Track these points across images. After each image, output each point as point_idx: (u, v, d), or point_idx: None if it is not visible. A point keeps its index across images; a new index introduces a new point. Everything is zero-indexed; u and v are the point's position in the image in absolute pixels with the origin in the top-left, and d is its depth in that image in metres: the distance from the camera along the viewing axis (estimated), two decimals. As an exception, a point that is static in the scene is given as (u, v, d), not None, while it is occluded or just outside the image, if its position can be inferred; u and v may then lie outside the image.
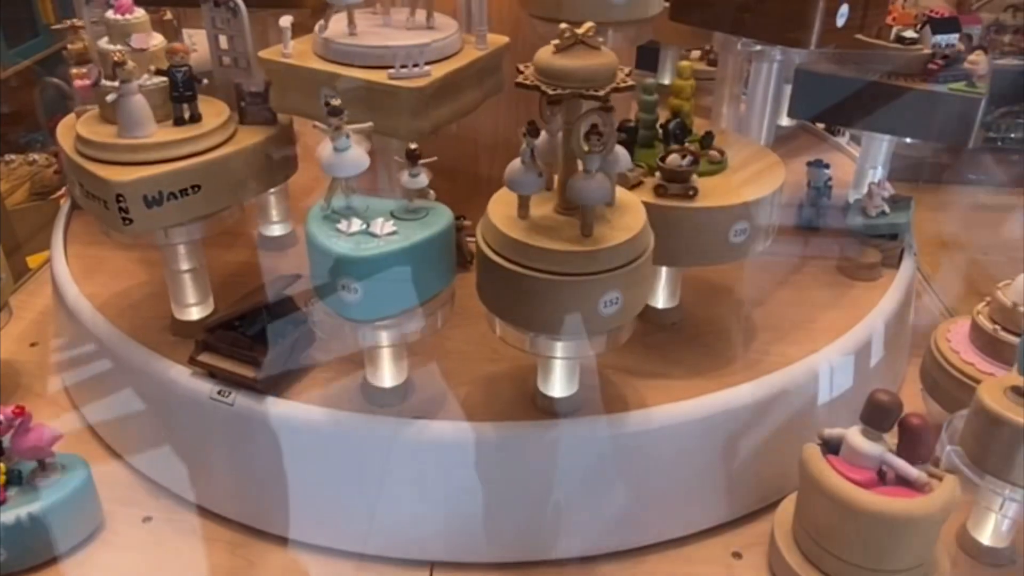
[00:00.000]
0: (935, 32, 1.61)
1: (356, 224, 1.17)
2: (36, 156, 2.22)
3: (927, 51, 1.63)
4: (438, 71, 1.26)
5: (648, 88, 1.37)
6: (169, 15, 1.60)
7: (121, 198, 1.22)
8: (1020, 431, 1.18)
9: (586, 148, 1.06)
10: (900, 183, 1.78)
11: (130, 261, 1.70)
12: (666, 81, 2.50)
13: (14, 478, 1.30)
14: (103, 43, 1.30)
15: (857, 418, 1.21)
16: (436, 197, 1.23)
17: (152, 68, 1.23)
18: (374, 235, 1.16)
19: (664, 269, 1.48)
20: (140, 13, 1.30)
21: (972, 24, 1.73)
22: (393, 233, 1.16)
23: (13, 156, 2.23)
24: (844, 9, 1.43)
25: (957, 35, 1.63)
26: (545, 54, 1.07)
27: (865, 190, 1.82)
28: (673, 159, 1.29)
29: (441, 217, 1.21)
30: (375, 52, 1.26)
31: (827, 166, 1.83)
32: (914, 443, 1.18)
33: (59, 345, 1.73)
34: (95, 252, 1.73)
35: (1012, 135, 2.19)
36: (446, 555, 1.34)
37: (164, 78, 1.26)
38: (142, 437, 1.49)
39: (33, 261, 2.04)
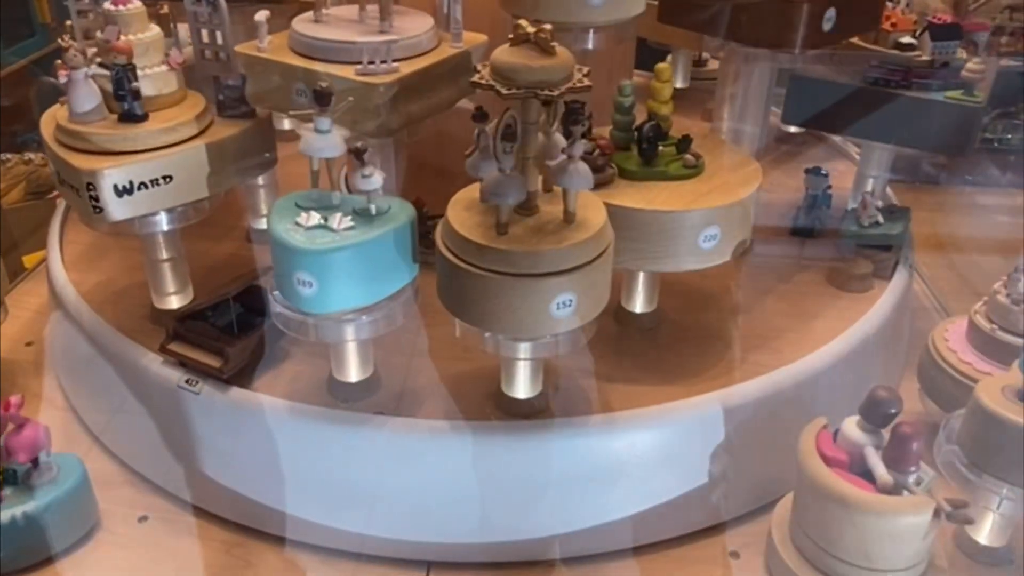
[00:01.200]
0: (934, 39, 1.57)
1: (315, 217, 1.18)
2: (32, 155, 2.22)
3: (925, 58, 1.58)
4: (407, 68, 1.26)
5: (623, 90, 1.35)
6: (166, 9, 1.63)
7: (91, 186, 1.25)
8: (1018, 430, 1.18)
9: (500, 147, 1.06)
10: (897, 183, 1.74)
11: (127, 251, 1.70)
12: (679, 84, 2.48)
13: (9, 478, 1.30)
14: (99, 34, 1.32)
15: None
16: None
17: (97, 60, 1.25)
18: (331, 229, 1.16)
19: (640, 273, 1.46)
20: (137, 4, 1.32)
21: (978, 31, 1.67)
22: (350, 228, 1.17)
23: (9, 155, 2.23)
24: (831, 13, 1.40)
25: (957, 42, 1.58)
26: (499, 47, 1.07)
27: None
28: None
29: (401, 214, 1.21)
30: (344, 48, 1.26)
31: (826, 174, 1.79)
32: (898, 449, 1.16)
33: (54, 343, 1.73)
34: (91, 250, 1.73)
35: (1008, 136, 2.14)
36: (411, 553, 1.34)
37: (107, 71, 1.28)
38: (130, 431, 1.50)
39: (29, 260, 2.04)
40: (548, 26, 1.05)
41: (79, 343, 1.53)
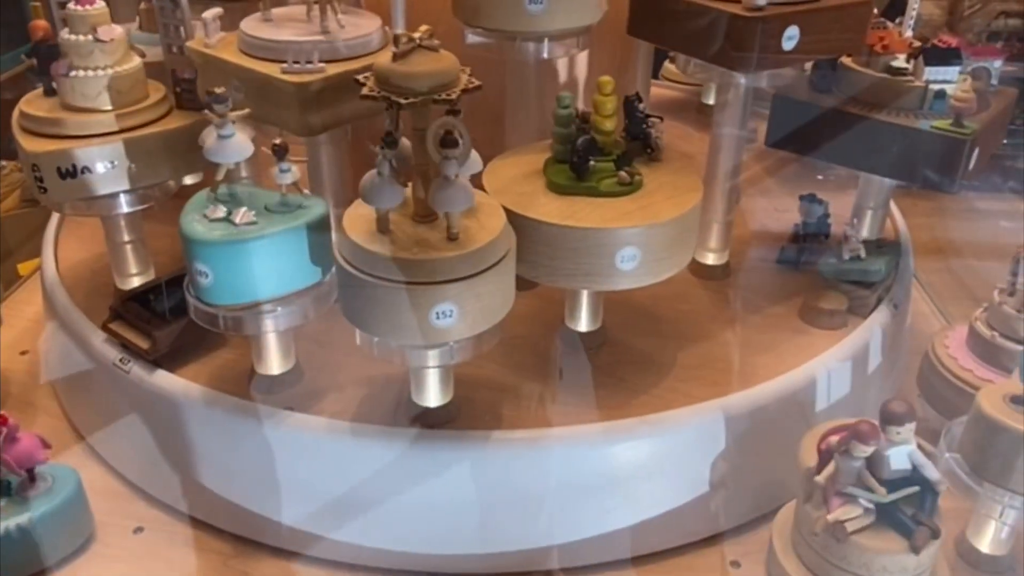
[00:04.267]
0: (928, 63, 1.45)
1: (221, 210, 1.20)
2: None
3: (919, 84, 1.47)
4: (334, 69, 1.27)
5: (562, 101, 1.32)
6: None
7: (36, 168, 1.32)
8: (1019, 438, 1.18)
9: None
10: (896, 188, 1.66)
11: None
12: (710, 101, 2.39)
13: (3, 489, 1.29)
14: (64, 34, 1.38)
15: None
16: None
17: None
18: (232, 223, 1.19)
19: (584, 292, 1.42)
20: (100, 5, 1.36)
21: (988, 57, 1.54)
22: (252, 223, 1.19)
23: (4, 162, 2.23)
24: (793, 31, 1.32)
25: (956, 68, 1.46)
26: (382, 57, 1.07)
27: (863, 231, 1.68)
28: None
29: (310, 213, 1.22)
30: (274, 46, 1.28)
31: (821, 201, 1.70)
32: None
33: (49, 352, 1.71)
34: (87, 257, 1.70)
35: (1006, 141, 2.00)
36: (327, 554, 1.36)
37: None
38: (124, 441, 1.49)
39: (24, 268, 2.01)
40: (427, 28, 1.05)
41: (73, 352, 1.52)
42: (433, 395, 1.29)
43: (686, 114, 2.36)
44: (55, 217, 1.81)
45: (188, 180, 1.69)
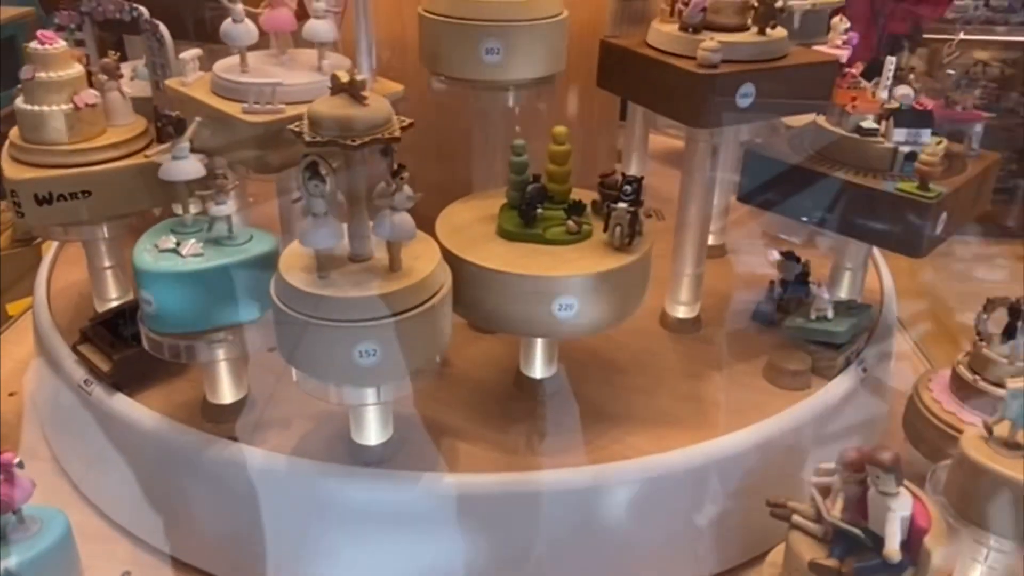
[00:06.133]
0: (898, 125, 1.43)
1: (171, 241, 1.25)
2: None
3: (889, 145, 1.45)
4: (293, 111, 1.31)
5: (516, 149, 1.34)
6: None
7: (14, 193, 1.39)
8: (1003, 481, 1.19)
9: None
10: None
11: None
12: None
13: None
14: (24, 71, 1.43)
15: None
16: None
17: None
18: (179, 254, 1.23)
19: (536, 339, 1.43)
20: (60, 45, 1.42)
21: (972, 121, 1.51)
22: (197, 255, 1.23)
23: None
24: (748, 89, 1.32)
25: (928, 131, 1.44)
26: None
27: (840, 291, 1.66)
28: None
29: (257, 248, 1.26)
30: (237, 87, 1.34)
31: (799, 259, 1.67)
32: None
33: (38, 393, 1.70)
34: (80, 295, 1.70)
35: None
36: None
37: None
38: (111, 483, 1.49)
39: (14, 309, 1.99)
40: (361, 79, 1.08)
41: (63, 393, 1.52)
42: (369, 433, 1.30)
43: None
44: (48, 256, 1.84)
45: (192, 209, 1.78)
